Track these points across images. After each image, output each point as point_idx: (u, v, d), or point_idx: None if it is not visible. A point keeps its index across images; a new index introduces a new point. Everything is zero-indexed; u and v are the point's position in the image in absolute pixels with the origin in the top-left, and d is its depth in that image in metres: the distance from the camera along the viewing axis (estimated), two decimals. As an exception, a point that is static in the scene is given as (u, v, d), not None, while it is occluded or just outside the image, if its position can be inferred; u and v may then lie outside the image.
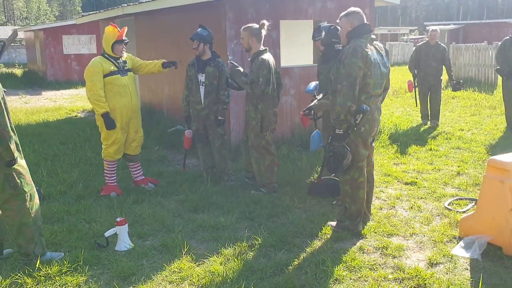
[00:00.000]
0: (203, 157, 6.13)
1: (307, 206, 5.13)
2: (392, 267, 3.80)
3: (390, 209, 5.08)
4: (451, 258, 3.92)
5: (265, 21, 5.31)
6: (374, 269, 3.77)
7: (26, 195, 3.81)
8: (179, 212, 5.02)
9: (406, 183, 5.92)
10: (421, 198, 5.41)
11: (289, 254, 4.01)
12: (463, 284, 3.50)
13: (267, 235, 4.33)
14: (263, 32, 5.32)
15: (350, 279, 3.61)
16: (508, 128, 8.85)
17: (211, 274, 3.67)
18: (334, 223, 4.59)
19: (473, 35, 31.77)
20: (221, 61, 5.86)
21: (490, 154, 7.11)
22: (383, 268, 3.79)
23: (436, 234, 4.40)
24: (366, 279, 3.61)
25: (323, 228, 4.52)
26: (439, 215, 4.89)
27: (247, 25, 5.43)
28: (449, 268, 3.77)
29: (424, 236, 4.39)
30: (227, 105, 5.82)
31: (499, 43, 9.24)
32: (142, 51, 9.46)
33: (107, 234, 4.16)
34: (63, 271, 3.71)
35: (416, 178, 6.08)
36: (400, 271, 3.72)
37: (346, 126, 4.05)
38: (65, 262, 3.79)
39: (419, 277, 3.59)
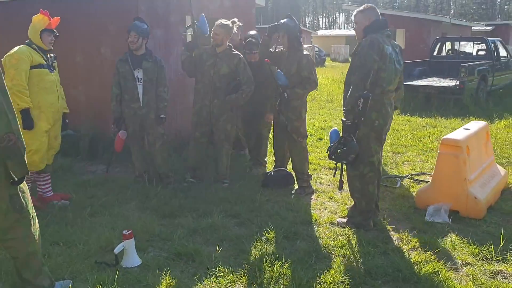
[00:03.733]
0: (139, 160, 5.68)
1: (273, 197, 5.23)
2: (397, 239, 4.24)
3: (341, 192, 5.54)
4: (431, 225, 4.55)
5: (235, 19, 5.30)
6: (387, 242, 4.16)
7: (30, 218, 3.10)
8: (152, 219, 4.60)
9: (331, 168, 6.47)
10: (354, 180, 6.01)
11: (307, 243, 4.11)
12: (465, 242, 4.12)
13: (269, 229, 4.33)
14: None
15: (383, 252, 3.92)
16: None
17: (260, 271, 3.55)
18: (343, 220, 4.61)
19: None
20: (158, 56, 5.52)
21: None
22: (393, 241, 4.20)
23: (398, 207, 5.02)
24: (394, 251, 3.95)
25: (306, 214, 4.74)
26: (384, 192, 5.55)
27: (223, 21, 5.34)
28: (436, 232, 4.37)
29: (390, 211, 4.96)
30: (168, 102, 5.51)
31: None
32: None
33: (116, 250, 3.63)
34: (100, 298, 3.16)
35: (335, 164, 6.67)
36: (406, 241, 4.18)
37: (353, 117, 4.06)
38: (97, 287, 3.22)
39: (429, 243, 4.10)
